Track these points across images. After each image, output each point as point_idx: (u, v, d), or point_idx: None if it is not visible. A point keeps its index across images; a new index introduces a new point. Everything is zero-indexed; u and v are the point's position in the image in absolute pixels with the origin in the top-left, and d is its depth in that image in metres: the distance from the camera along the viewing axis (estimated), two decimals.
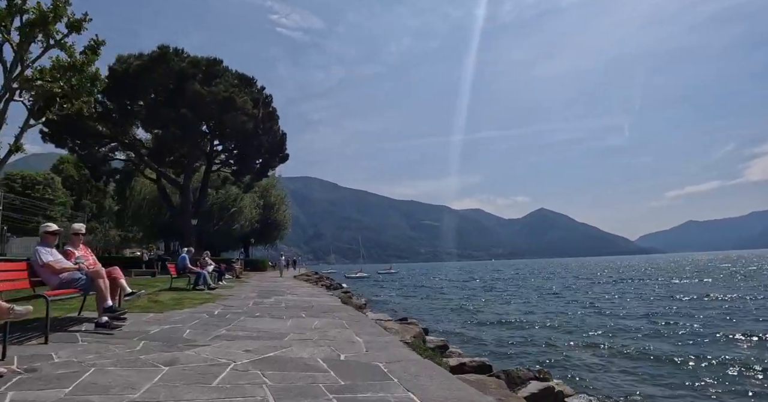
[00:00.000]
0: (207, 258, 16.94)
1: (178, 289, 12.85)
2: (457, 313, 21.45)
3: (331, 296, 13.13)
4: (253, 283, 19.71)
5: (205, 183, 36.74)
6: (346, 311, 8.80)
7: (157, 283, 15.88)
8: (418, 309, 23.31)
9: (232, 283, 18.43)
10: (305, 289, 16.15)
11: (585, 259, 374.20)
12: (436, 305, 25.96)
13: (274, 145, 36.54)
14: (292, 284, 19.61)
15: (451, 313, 21.15)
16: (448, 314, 20.73)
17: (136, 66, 28.34)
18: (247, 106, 28.53)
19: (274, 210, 55.97)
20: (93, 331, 5.43)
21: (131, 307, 7.90)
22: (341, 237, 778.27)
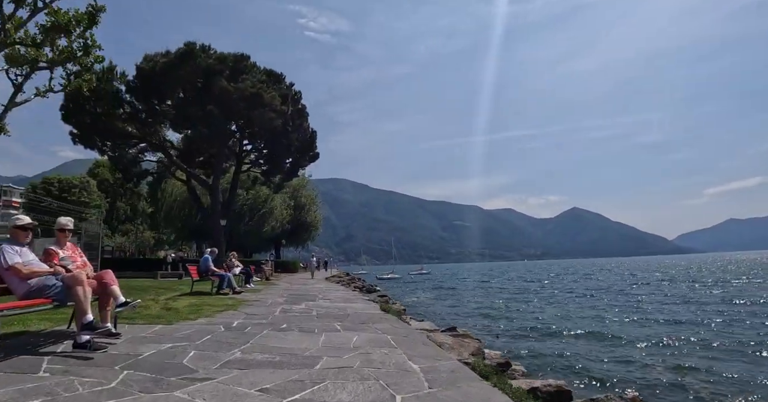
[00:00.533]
0: (233, 259, 15.85)
1: (200, 294, 11.72)
2: (500, 317, 19.91)
3: (367, 301, 11.78)
4: (283, 285, 18.54)
5: (235, 183, 35.96)
6: (387, 321, 7.44)
7: (181, 286, 14.85)
8: (457, 313, 21.89)
9: (260, 286, 17.33)
10: (338, 292, 14.88)
11: (622, 259, 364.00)
12: (475, 308, 24.49)
13: (304, 143, 35.51)
14: (323, 287, 18.39)
15: (493, 318, 19.61)
16: (490, 319, 19.18)
17: (163, 63, 27.65)
18: (276, 102, 27.49)
19: (305, 211, 55.13)
20: (69, 352, 4.21)
21: (135, 317, 6.70)
22: (372, 238, 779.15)
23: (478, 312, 22.28)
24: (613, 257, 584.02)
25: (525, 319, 18.94)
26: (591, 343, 12.93)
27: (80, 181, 68.58)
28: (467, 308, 24.51)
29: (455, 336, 8.01)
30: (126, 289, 12.27)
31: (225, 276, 12.29)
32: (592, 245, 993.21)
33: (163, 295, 11.32)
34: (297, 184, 55.70)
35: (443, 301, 29.84)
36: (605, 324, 16.73)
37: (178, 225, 46.10)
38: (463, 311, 22.96)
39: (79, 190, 66.70)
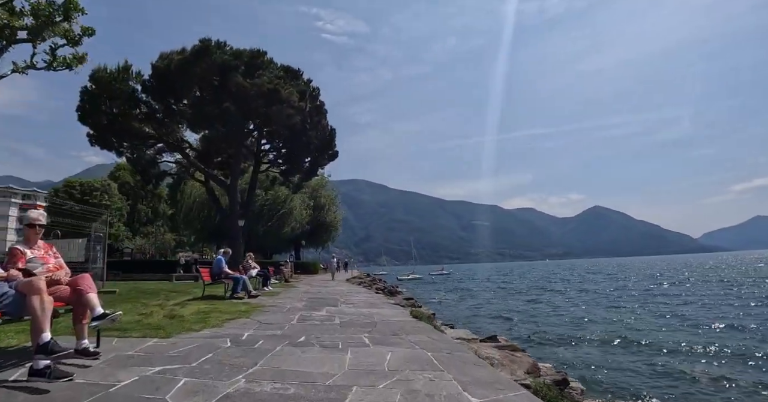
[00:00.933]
0: (250, 260, 14.97)
1: (212, 298, 10.83)
2: (527, 320, 18.82)
3: (394, 306, 10.73)
4: (302, 288, 17.60)
5: (253, 183, 35.25)
6: (422, 331, 6.38)
7: (195, 289, 13.97)
8: (482, 315, 20.90)
9: (278, 289, 16.42)
10: (362, 295, 13.86)
11: (645, 258, 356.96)
12: (500, 310, 23.53)
13: (323, 141, 34.63)
14: (345, 289, 17.42)
15: (521, 321, 18.47)
16: (526, 324, 18.00)
17: (178, 61, 27.03)
18: (293, 98, 26.64)
19: (325, 211, 54.36)
20: (22, 382, 3.25)
21: (130, 327, 5.76)
22: (391, 238, 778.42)
23: (504, 314, 21.20)
24: (636, 256, 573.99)
25: (553, 322, 17.78)
26: (633, 352, 11.73)
27: (102, 184, 68.89)
28: (491, 310, 23.48)
29: (500, 348, 6.93)
30: (135, 293, 11.41)
31: (240, 279, 11.38)
32: (615, 244, 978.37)
33: (172, 299, 10.45)
34: (316, 184, 54.99)
35: (466, 302, 28.76)
36: (644, 329, 15.43)
37: (198, 226, 45.66)
38: (488, 313, 21.88)
39: (100, 193, 66.91)
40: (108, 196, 68.29)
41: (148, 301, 9.89)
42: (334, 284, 22.74)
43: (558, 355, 11.49)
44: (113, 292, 11.91)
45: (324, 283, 23.90)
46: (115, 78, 29.07)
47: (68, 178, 68.74)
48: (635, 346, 12.47)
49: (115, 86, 28.93)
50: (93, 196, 66.23)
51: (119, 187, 74.02)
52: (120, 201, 71.29)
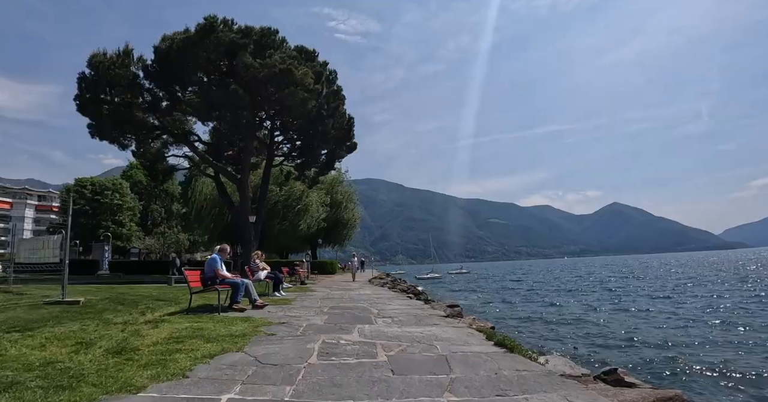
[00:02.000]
0: (257, 260, 12.35)
1: (203, 310, 8.16)
2: (565, 323, 16.38)
3: (448, 320, 7.92)
4: (320, 292, 14.94)
5: (266, 178, 32.72)
6: (545, 385, 3.64)
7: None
8: (540, 323, 18.13)
9: (292, 293, 13.82)
10: (396, 303, 11.09)
11: (668, 254, 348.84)
12: (535, 313, 20.86)
13: (341, 131, 31.96)
14: (371, 293, 14.74)
15: (582, 328, 15.61)
16: (582, 330, 15.17)
17: (181, 40, 24.53)
18: (308, 80, 23.94)
19: (342, 208, 51.66)
20: None
21: (29, 381, 3.10)
22: (407, 237, 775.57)
23: (542, 317, 18.51)
24: (657, 253, 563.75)
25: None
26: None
27: (113, 183, 67.28)
28: (525, 312, 20.80)
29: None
30: (112, 302, 8.72)
31: (239, 284, 8.65)
32: (633, 241, 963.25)
33: (152, 312, 7.83)
34: (332, 179, 52.40)
35: (497, 304, 26.06)
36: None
37: (209, 225, 43.27)
38: (524, 316, 19.19)
39: (111, 192, 65.34)
40: (120, 195, 66.64)
41: (115, 316, 7.28)
42: (357, 286, 20.09)
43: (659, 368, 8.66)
44: (76, 303, 9.37)
45: (345, 285, 21.25)
46: (115, 63, 26.71)
47: (79, 178, 67.17)
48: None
49: (116, 72, 26.54)
50: (104, 196, 64.65)
51: (132, 186, 72.43)
52: (132, 200, 69.61)
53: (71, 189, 65.58)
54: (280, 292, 12.55)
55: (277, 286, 12.51)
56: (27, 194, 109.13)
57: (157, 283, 18.10)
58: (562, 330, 15.13)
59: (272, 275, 12.40)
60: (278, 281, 12.57)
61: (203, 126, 35.41)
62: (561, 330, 15.13)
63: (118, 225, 65.20)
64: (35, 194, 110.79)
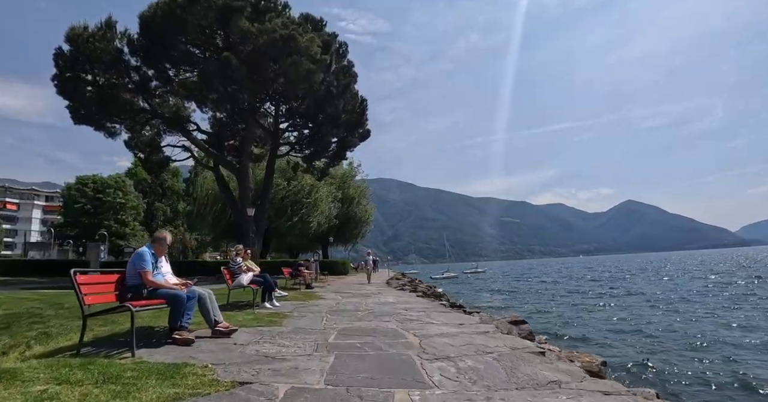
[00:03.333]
0: (238, 258, 8.90)
1: (111, 344, 4.69)
2: (597, 326, 13.90)
3: (543, 358, 4.49)
4: (329, 300, 11.48)
5: (270, 169, 29.41)
6: None
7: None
8: (551, 322, 14.90)
9: (292, 302, 10.47)
10: (439, 319, 7.44)
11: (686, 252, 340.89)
12: (562, 316, 17.98)
13: (353, 114, 28.54)
14: (396, 301, 11.33)
15: (636, 335, 12.44)
16: (635, 338, 11.88)
17: (167, 4, 21.19)
18: (313, 48, 20.48)
19: (354, 204, 48.17)
20: None
21: None
22: (419, 237, 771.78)
23: (569, 321, 15.12)
24: (672, 251, 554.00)
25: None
26: None
27: (116, 181, 64.38)
28: (552, 314, 17.43)
29: None
30: (15, 317, 5.49)
31: (180, 297, 4.94)
32: (648, 239, 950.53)
33: (25, 347, 4.38)
34: (344, 174, 48.96)
35: (521, 306, 22.60)
36: None
37: (211, 222, 39.97)
38: (556, 320, 15.80)
39: (114, 191, 62.44)
40: (123, 193, 63.70)
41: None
42: (374, 290, 16.62)
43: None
44: None
45: (359, 288, 17.79)
46: (96, 37, 23.45)
47: (80, 176, 64.34)
48: None
49: (96, 47, 23.27)
50: (106, 194, 61.72)
51: (136, 184, 69.53)
52: (136, 199, 66.69)
53: (72, 187, 62.89)
54: (272, 302, 9.11)
55: (267, 294, 9.05)
56: (35, 195, 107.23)
57: None
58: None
59: (260, 279, 8.91)
60: (269, 287, 9.08)
61: (202, 114, 32.31)
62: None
63: (121, 224, 62.35)
64: (43, 195, 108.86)
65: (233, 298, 9.56)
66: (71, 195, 61.88)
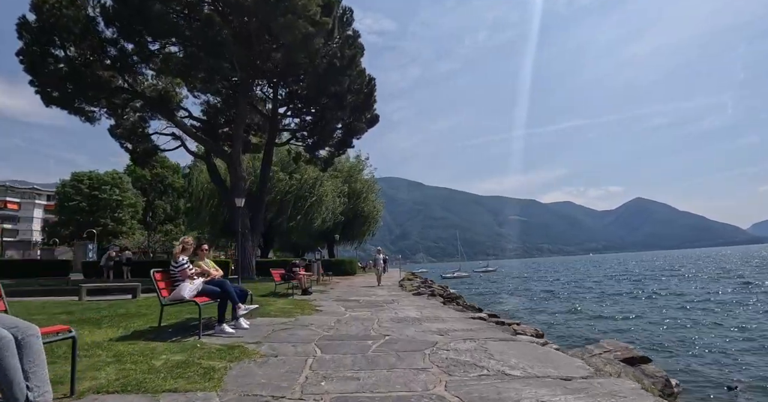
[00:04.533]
0: (182, 256, 5.69)
1: None
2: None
3: None
4: (328, 313, 8.33)
5: (268, 157, 26.40)
6: None
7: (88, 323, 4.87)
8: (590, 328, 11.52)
9: (281, 312, 7.36)
10: (529, 371, 4.30)
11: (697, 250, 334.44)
12: (598, 319, 15.50)
13: (359, 95, 25.39)
14: (420, 315, 8.16)
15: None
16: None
17: None
18: (312, 8, 17.21)
19: (362, 199, 44.95)
20: None
21: None
22: (427, 236, 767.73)
23: (685, 343, 11.63)
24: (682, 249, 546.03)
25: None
26: None
27: (112, 177, 61.52)
28: (635, 330, 13.99)
29: None
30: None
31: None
32: (657, 237, 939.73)
33: None
34: (351, 167, 45.77)
35: (549, 311, 19.36)
36: None
37: (206, 218, 36.89)
38: (653, 339, 12.40)
39: (110, 188, 59.57)
40: (120, 190, 60.86)
41: None
42: (386, 295, 13.42)
43: None
44: None
45: (368, 292, 14.60)
46: (63, 2, 20.39)
47: (76, 172, 61.51)
48: None
49: (65, 14, 20.24)
50: (102, 191, 58.86)
51: (135, 181, 66.73)
52: (134, 196, 63.81)
53: (67, 184, 60.14)
54: (238, 323, 5.93)
55: (225, 312, 5.80)
56: (36, 194, 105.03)
57: (108, 294, 11.64)
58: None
59: (214, 289, 5.68)
60: (232, 301, 5.85)
61: (194, 99, 29.29)
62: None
63: (118, 222, 59.49)
64: (44, 194, 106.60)
65: (187, 315, 6.42)
66: (66, 192, 59.10)
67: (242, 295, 6.17)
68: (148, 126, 27.46)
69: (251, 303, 6.70)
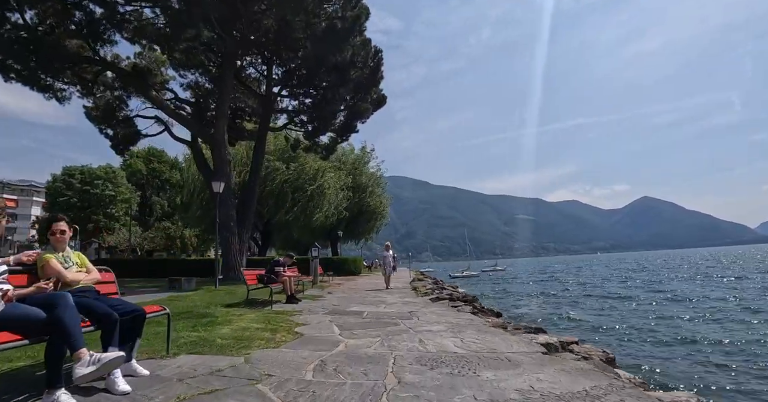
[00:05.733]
0: None
1: None
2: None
3: None
4: (308, 346, 5.13)
5: (262, 141, 23.27)
6: None
7: None
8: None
9: (238, 336, 4.20)
10: None
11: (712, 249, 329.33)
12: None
13: (364, 69, 22.24)
14: (465, 348, 4.92)
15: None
16: None
17: None
18: None
19: (368, 193, 41.65)
20: None
21: None
22: (433, 235, 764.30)
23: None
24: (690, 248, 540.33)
25: None
26: None
27: (105, 171, 58.51)
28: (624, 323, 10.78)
29: None
30: None
31: None
32: (664, 236, 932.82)
33: None
34: (355, 159, 42.49)
35: (583, 317, 16.13)
36: None
37: (198, 214, 33.77)
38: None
39: (103, 182, 56.56)
40: (113, 185, 57.92)
41: None
42: (396, 301, 10.32)
43: None
44: None
45: (374, 299, 11.40)
46: None
47: (67, 167, 58.60)
48: None
49: None
50: (95, 186, 55.94)
51: (130, 176, 63.89)
52: (128, 191, 60.77)
53: (58, 179, 57.22)
54: (114, 380, 2.75)
55: (61, 357, 2.63)
56: (34, 191, 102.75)
57: None
58: None
59: (30, 319, 2.47)
60: (112, 331, 2.71)
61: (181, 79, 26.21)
62: None
63: (111, 219, 56.52)
64: (42, 191, 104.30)
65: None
66: (56, 187, 56.20)
67: (109, 323, 2.97)
68: (127, 108, 24.44)
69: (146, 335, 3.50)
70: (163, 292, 12.70)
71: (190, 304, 8.72)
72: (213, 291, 12.52)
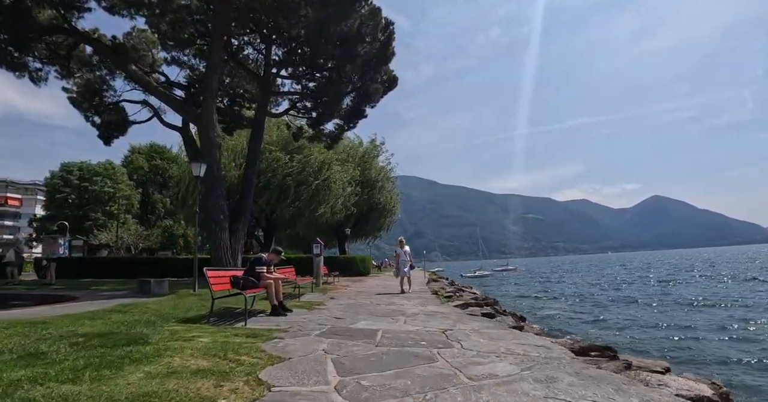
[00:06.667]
0: None
1: None
2: None
3: None
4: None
5: (259, 125, 20.85)
6: None
7: None
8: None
9: None
10: None
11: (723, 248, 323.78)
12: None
13: (373, 44, 19.72)
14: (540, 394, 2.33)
15: None
16: None
17: None
18: None
19: (377, 188, 38.85)
20: None
21: None
22: (442, 234, 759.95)
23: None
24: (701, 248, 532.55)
25: None
26: None
27: (105, 168, 56.35)
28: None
29: None
30: None
31: None
32: (675, 236, 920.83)
33: None
34: (364, 152, 39.73)
35: (618, 322, 13.50)
36: None
37: (193, 208, 31.22)
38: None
39: (102, 179, 54.40)
40: (112, 181, 55.78)
41: None
42: (418, 312, 7.84)
43: None
44: None
45: (388, 306, 8.86)
46: None
47: (65, 163, 56.51)
48: None
49: None
50: (93, 182, 53.82)
51: (131, 173, 61.73)
52: (128, 188, 58.54)
53: (56, 175, 55.15)
54: None
55: None
56: (38, 190, 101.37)
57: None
58: None
59: None
60: None
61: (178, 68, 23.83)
62: None
63: (109, 216, 54.35)
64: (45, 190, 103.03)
65: None
66: (54, 184, 54.16)
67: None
68: (113, 92, 22.06)
69: None
70: (127, 297, 10.21)
71: (133, 317, 6.21)
72: (186, 296, 9.99)
